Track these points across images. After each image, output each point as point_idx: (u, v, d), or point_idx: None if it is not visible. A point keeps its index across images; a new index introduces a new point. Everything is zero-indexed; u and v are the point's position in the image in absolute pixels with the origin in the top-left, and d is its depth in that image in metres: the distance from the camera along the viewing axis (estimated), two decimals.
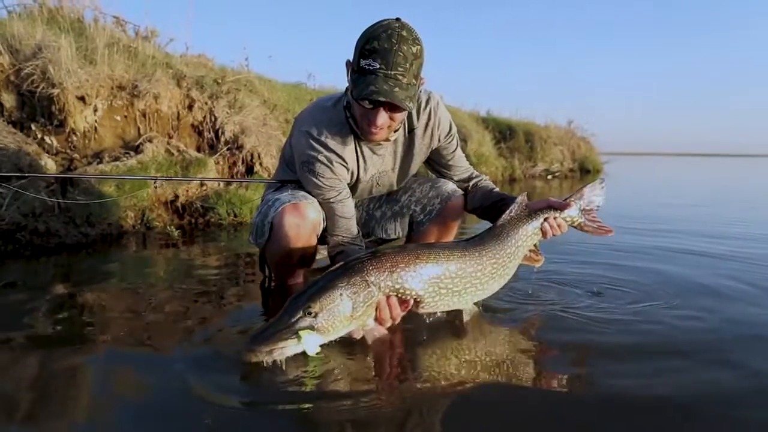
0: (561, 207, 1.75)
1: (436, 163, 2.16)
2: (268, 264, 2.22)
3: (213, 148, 4.57)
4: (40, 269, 2.65)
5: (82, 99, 3.76)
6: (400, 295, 1.46)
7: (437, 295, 1.52)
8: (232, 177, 4.58)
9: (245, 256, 2.93)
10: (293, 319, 1.34)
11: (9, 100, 3.63)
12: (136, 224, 3.67)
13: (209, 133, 4.59)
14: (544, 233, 1.72)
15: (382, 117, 1.71)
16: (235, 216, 4.15)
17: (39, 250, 2.95)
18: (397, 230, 2.24)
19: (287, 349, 1.32)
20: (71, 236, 3.17)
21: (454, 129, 2.09)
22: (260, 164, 4.68)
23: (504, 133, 13.48)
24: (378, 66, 1.60)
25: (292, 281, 2.19)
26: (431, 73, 2.14)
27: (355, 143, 1.92)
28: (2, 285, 2.30)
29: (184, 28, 7.41)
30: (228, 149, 4.58)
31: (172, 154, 4.14)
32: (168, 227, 3.71)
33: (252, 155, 4.67)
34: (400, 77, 1.61)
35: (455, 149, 2.12)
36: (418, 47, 1.63)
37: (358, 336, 1.49)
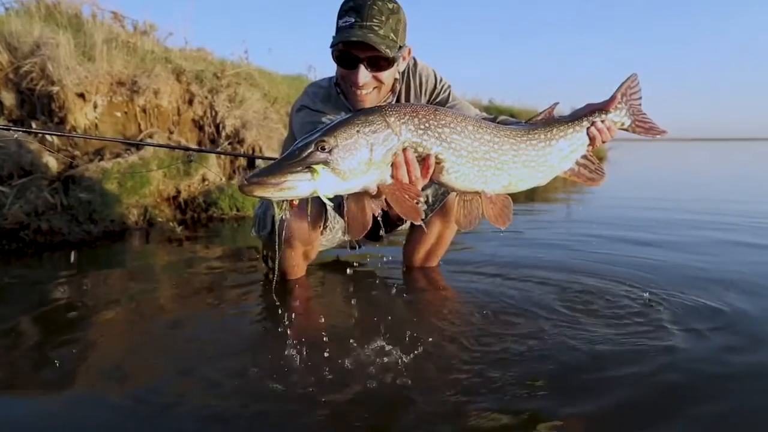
0: (605, 107, 1.50)
1: None
2: (270, 256, 2.20)
3: (214, 143, 4.56)
4: (45, 266, 2.65)
5: (81, 96, 3.75)
6: (419, 151, 1.30)
7: (458, 157, 1.34)
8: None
9: (247, 250, 2.92)
10: (305, 154, 1.16)
11: (8, 99, 3.62)
12: (138, 221, 3.67)
13: (210, 127, 4.57)
14: (592, 139, 1.47)
15: (363, 74, 1.68)
16: (238, 210, 4.14)
17: (42, 247, 2.96)
18: None
19: (299, 184, 1.13)
20: (74, 234, 3.18)
21: (446, 81, 2.03)
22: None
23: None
24: (353, 20, 1.61)
25: (294, 274, 2.16)
26: (435, 61, 2.09)
27: None
28: (7, 281, 2.31)
29: (183, 21, 7.37)
30: (229, 143, 4.57)
31: (174, 150, 4.13)
32: (171, 223, 3.71)
33: (253, 149, 4.65)
34: (376, 28, 1.61)
35: (449, 99, 2.01)
36: (395, 5, 1.65)
37: (374, 203, 1.31)
